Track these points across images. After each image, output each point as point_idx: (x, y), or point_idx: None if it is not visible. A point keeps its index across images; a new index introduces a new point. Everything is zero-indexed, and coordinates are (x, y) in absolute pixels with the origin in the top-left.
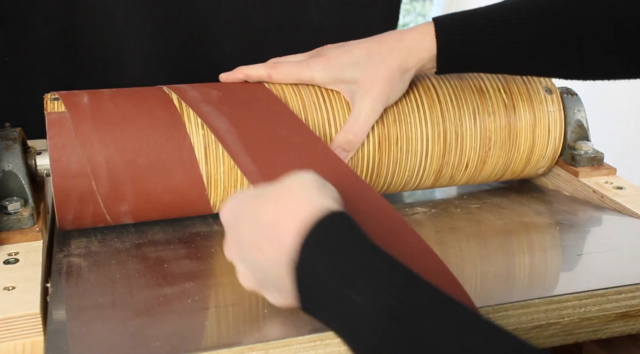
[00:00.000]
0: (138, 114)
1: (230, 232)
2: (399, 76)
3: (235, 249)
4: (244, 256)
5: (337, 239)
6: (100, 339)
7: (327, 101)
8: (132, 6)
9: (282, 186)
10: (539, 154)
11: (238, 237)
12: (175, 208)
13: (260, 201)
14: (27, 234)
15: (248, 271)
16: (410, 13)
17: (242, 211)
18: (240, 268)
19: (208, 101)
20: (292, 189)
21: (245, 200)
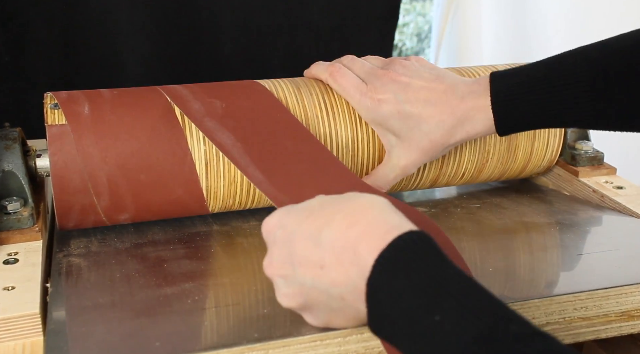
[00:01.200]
0: (140, 128)
1: (277, 248)
2: (441, 149)
3: (282, 267)
4: (294, 273)
5: (418, 257)
6: (100, 339)
7: (330, 113)
8: (132, 6)
9: (353, 203)
10: (538, 156)
11: (289, 254)
12: (174, 215)
13: (324, 218)
14: (27, 234)
15: (293, 289)
16: (410, 13)
17: (297, 226)
18: (283, 286)
19: (212, 115)
20: (366, 208)
21: (300, 215)
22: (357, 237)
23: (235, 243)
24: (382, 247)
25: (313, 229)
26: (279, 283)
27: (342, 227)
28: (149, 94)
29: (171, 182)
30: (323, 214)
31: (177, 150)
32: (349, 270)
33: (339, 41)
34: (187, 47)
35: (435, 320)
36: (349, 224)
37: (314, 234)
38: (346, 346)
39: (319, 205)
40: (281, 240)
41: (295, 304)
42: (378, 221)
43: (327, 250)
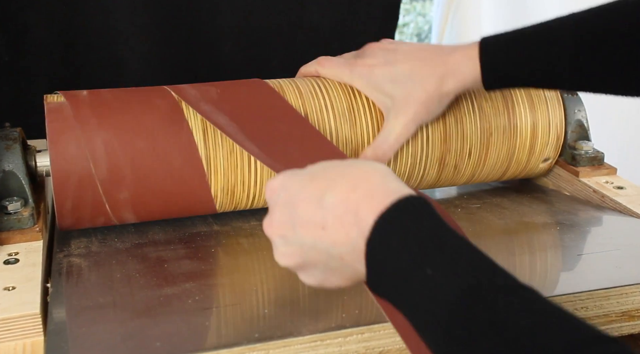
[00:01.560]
0: (136, 102)
1: (278, 209)
2: (437, 100)
3: (283, 227)
4: (295, 233)
5: (415, 218)
6: (100, 339)
7: (324, 91)
8: (132, 6)
9: (357, 169)
10: (541, 142)
11: (291, 215)
12: (176, 196)
13: (327, 181)
14: (27, 234)
15: (292, 249)
16: (410, 13)
17: (301, 189)
18: (281, 245)
19: (207, 99)
20: (368, 173)
21: (303, 178)
22: (358, 200)
23: (236, 243)
24: (381, 210)
25: (316, 191)
26: (277, 242)
27: (344, 191)
28: (146, 87)
29: (169, 149)
30: (326, 178)
31: (174, 117)
32: (350, 231)
33: (339, 41)
34: (187, 47)
35: (427, 274)
36: (352, 187)
37: (316, 197)
38: (347, 346)
39: (322, 169)
40: (283, 201)
41: (293, 263)
42: (379, 185)
43: (329, 212)
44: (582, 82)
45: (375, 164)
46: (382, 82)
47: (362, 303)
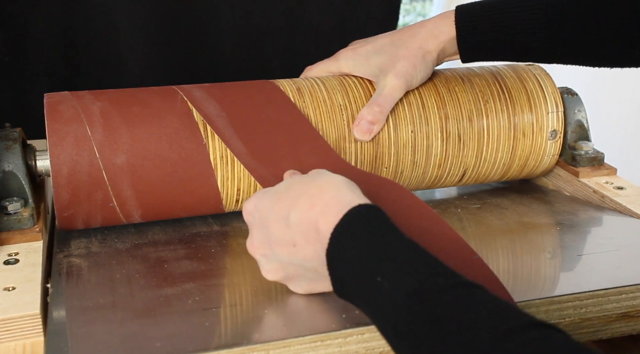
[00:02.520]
0: (139, 100)
1: (256, 230)
2: (421, 57)
3: (262, 246)
4: (273, 252)
5: (366, 228)
6: (100, 339)
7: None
8: (132, 6)
9: (313, 186)
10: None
11: (266, 235)
12: (173, 160)
13: (290, 200)
14: (27, 235)
15: (274, 265)
16: (410, 13)
17: (270, 210)
18: (265, 263)
19: (200, 86)
20: (324, 189)
21: (271, 199)
22: (317, 216)
23: (236, 244)
24: (336, 222)
25: (282, 211)
26: (261, 261)
27: (304, 209)
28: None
29: (164, 113)
30: (289, 197)
31: (169, 90)
32: (315, 246)
33: (339, 41)
34: (188, 47)
35: (377, 281)
36: (310, 205)
37: (283, 216)
38: (347, 347)
39: (286, 188)
40: (258, 223)
41: (279, 278)
42: (333, 200)
43: (295, 230)
44: (554, 52)
45: (332, 176)
46: (368, 57)
47: None
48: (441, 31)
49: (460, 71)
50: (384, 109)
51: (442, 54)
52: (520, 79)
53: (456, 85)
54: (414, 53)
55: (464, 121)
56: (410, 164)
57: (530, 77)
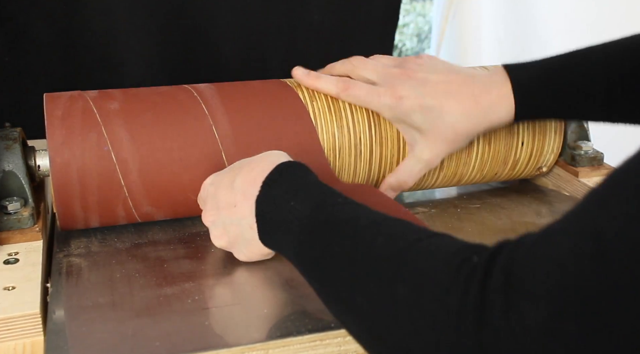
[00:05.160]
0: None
1: (209, 201)
2: (465, 139)
3: (212, 214)
4: (219, 217)
5: (291, 173)
6: (100, 339)
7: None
8: (132, 6)
9: (258, 157)
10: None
11: (216, 203)
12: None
13: (237, 170)
14: (27, 234)
15: (220, 230)
16: (410, 13)
17: (221, 181)
18: (214, 230)
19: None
20: (266, 157)
21: (224, 173)
22: (256, 174)
23: None
24: (268, 173)
25: (230, 178)
26: (211, 228)
27: (247, 172)
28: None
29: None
30: (238, 167)
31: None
32: (250, 201)
33: (339, 41)
34: (187, 47)
35: (291, 205)
36: (251, 169)
37: (230, 182)
38: (346, 346)
39: (238, 164)
40: (211, 194)
41: (224, 243)
42: (272, 162)
43: (237, 191)
44: (616, 115)
45: (274, 151)
46: (410, 115)
47: None
48: (499, 115)
49: None
50: (408, 185)
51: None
52: None
53: None
54: (459, 137)
55: None
56: None
57: None
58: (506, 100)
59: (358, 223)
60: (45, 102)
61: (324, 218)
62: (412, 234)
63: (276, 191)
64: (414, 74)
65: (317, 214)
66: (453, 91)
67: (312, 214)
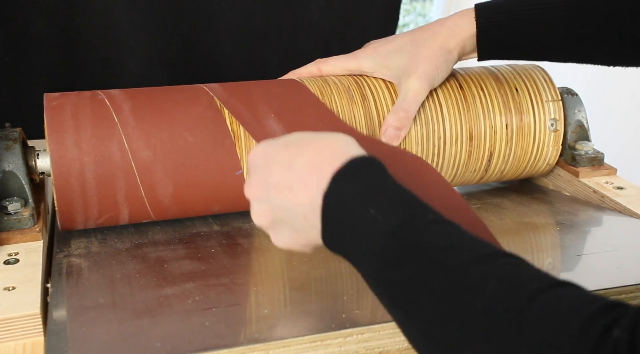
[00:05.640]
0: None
1: (256, 173)
2: (442, 56)
3: (259, 189)
4: (267, 196)
5: (365, 172)
6: (100, 339)
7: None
8: (132, 6)
9: (323, 138)
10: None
11: (266, 179)
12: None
13: (298, 148)
14: (27, 235)
15: (264, 209)
16: (410, 13)
17: (276, 156)
18: (258, 207)
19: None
20: (333, 141)
21: (280, 146)
22: (322, 162)
23: (236, 244)
24: (338, 166)
25: (287, 157)
26: (253, 204)
27: (311, 155)
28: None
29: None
30: (297, 145)
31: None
32: (312, 189)
33: (339, 42)
34: (187, 47)
35: (370, 213)
36: (317, 152)
37: (287, 162)
38: (346, 347)
39: (295, 139)
40: (261, 167)
41: (265, 222)
42: (340, 150)
43: (296, 174)
44: (573, 50)
45: (341, 135)
46: (388, 57)
47: (362, 303)
48: (462, 29)
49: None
50: (409, 114)
51: (461, 52)
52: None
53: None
54: (436, 54)
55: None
56: None
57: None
58: (468, 17)
59: (461, 257)
60: (45, 102)
61: (415, 241)
62: (532, 282)
63: (349, 191)
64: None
65: (405, 233)
66: (419, 28)
67: (398, 231)
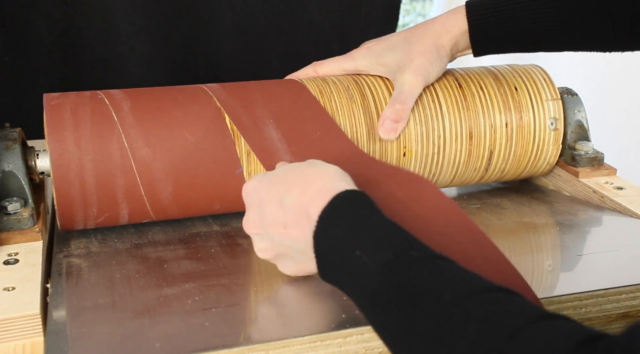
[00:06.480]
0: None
1: (252, 210)
2: (435, 52)
3: (256, 225)
4: (265, 231)
5: (350, 210)
6: (100, 340)
7: None
8: (132, 6)
9: (308, 174)
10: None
11: (262, 216)
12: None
13: (286, 185)
14: (27, 235)
15: (266, 244)
16: (410, 13)
17: (267, 192)
18: (258, 242)
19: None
20: (317, 176)
21: (269, 182)
22: (308, 201)
23: (236, 244)
24: (324, 207)
25: (278, 194)
26: (255, 239)
27: (298, 194)
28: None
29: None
30: (285, 182)
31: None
32: (304, 228)
33: (339, 41)
34: (187, 47)
35: (356, 255)
36: (303, 191)
37: (278, 199)
38: (346, 347)
39: (283, 173)
40: (255, 203)
41: (269, 256)
42: (325, 185)
43: (288, 213)
44: (566, 39)
45: (327, 166)
46: (383, 55)
47: None
48: (453, 25)
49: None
50: (406, 107)
51: (455, 48)
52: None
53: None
54: (429, 49)
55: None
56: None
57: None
58: (459, 14)
59: (442, 297)
60: (44, 102)
61: (399, 282)
62: (510, 319)
63: (336, 231)
64: (371, 42)
65: (389, 274)
66: (411, 27)
67: (383, 272)
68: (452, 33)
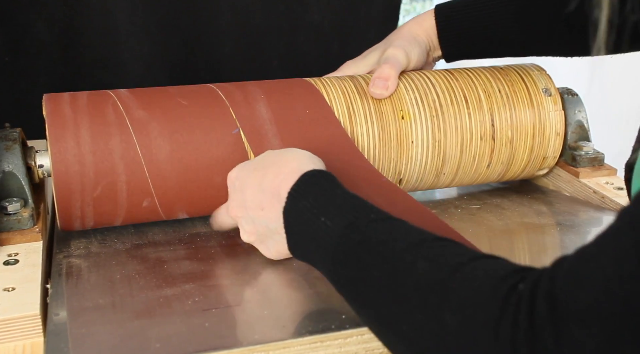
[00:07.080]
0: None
1: (235, 196)
2: (413, 38)
3: (239, 209)
4: (248, 215)
5: (316, 185)
6: (100, 340)
7: None
8: (132, 6)
9: (282, 158)
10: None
11: (243, 200)
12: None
13: (263, 170)
14: (27, 235)
15: (250, 227)
16: (410, 13)
17: (248, 178)
18: (244, 225)
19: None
20: (289, 161)
21: (250, 169)
22: (280, 182)
23: (236, 244)
24: (293, 184)
25: (257, 179)
26: (241, 222)
27: (272, 178)
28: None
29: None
30: (263, 167)
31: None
32: (277, 208)
33: (339, 41)
34: (187, 47)
35: (321, 221)
36: (277, 174)
37: (257, 183)
38: (346, 348)
39: (261, 160)
40: (238, 189)
41: (253, 239)
42: (295, 168)
43: (264, 195)
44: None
45: (300, 151)
46: (365, 55)
47: None
48: (424, 20)
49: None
50: (393, 66)
51: (429, 42)
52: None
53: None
54: (405, 36)
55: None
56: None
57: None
58: (429, 14)
59: (395, 245)
60: (45, 102)
61: (358, 238)
62: (454, 258)
63: (303, 204)
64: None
65: (350, 234)
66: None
67: (344, 232)
68: (423, 26)
